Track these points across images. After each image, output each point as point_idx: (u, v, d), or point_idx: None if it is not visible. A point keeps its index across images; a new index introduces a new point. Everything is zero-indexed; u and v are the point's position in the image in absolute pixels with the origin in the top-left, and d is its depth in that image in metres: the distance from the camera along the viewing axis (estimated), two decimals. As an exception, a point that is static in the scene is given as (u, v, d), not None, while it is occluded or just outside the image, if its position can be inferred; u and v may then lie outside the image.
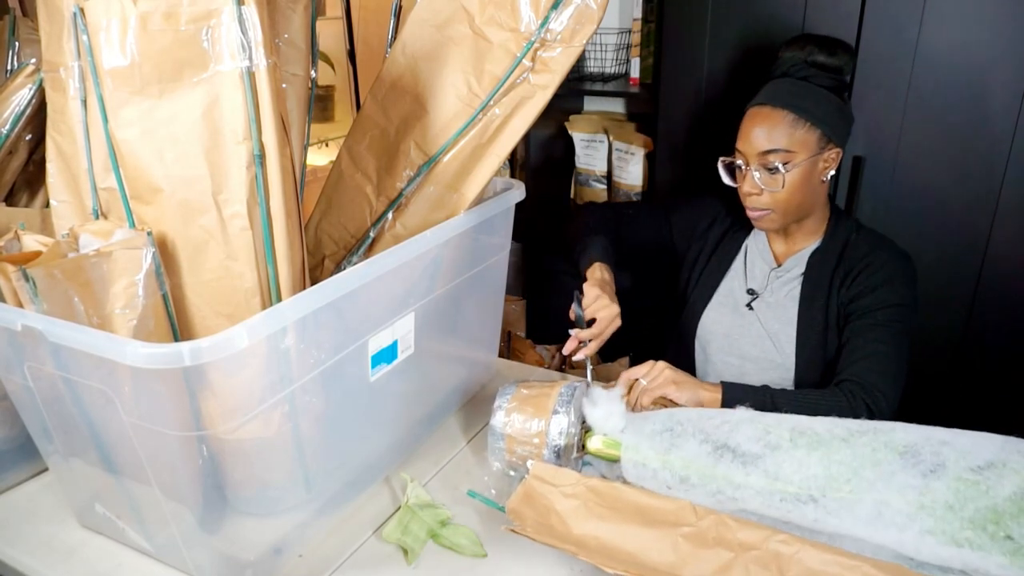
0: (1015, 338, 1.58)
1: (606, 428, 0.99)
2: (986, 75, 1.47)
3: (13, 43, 1.19)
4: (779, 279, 1.32)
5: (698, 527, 0.86)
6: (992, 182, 1.51)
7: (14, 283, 0.76)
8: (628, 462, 0.96)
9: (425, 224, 1.05)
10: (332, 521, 0.99)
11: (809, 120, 1.18)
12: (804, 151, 1.19)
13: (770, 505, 0.88)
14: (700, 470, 0.91)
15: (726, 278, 1.38)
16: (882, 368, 1.12)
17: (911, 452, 0.86)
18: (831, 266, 1.27)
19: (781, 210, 1.23)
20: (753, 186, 1.22)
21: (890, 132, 1.57)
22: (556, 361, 2.23)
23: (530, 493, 0.92)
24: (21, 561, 0.95)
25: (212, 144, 0.82)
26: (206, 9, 0.79)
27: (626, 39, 2.15)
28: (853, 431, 0.91)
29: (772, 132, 1.18)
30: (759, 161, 1.20)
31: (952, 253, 1.59)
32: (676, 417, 0.98)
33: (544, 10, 0.98)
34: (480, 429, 1.21)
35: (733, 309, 1.35)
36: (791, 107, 1.18)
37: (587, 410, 1.01)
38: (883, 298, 1.19)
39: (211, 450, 0.81)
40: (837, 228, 1.30)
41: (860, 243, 1.27)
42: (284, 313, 0.78)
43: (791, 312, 1.29)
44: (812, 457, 0.88)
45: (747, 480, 0.89)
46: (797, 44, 1.25)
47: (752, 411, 0.98)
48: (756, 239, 1.38)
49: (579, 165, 2.33)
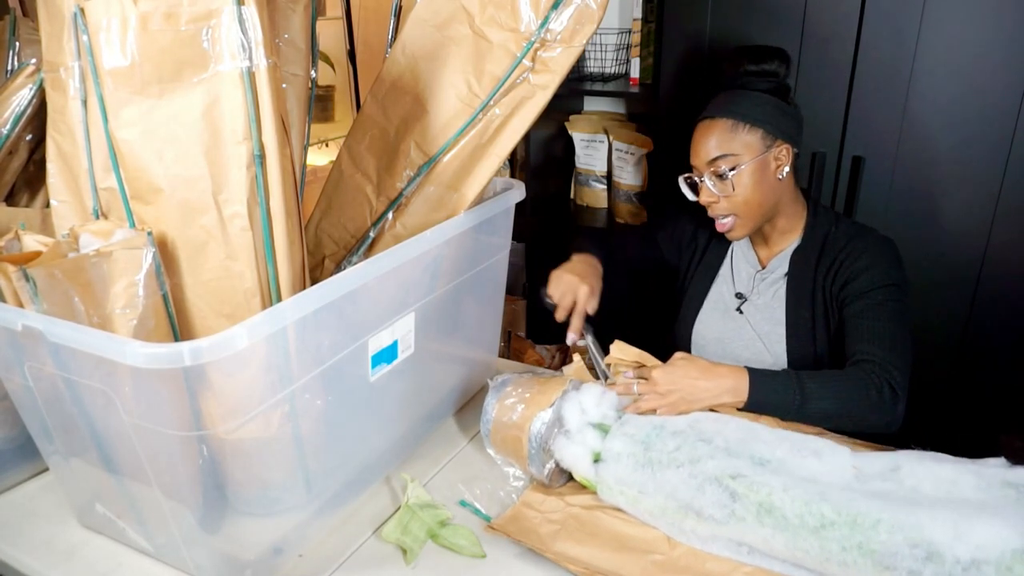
0: (1015, 338, 1.58)
1: (577, 470, 1.00)
2: (986, 75, 1.47)
3: (13, 43, 1.19)
4: (764, 281, 1.34)
5: (669, 556, 0.90)
6: (992, 182, 1.51)
7: (14, 283, 0.76)
8: (604, 497, 0.98)
9: (425, 224, 1.05)
10: (332, 521, 0.99)
11: (747, 122, 1.22)
12: (748, 152, 1.22)
13: (738, 554, 0.88)
14: (669, 522, 0.92)
15: (715, 284, 1.40)
16: (891, 344, 1.13)
17: (886, 562, 0.77)
18: (813, 262, 1.29)
19: (743, 213, 1.25)
20: (709, 195, 1.25)
21: (890, 132, 1.57)
22: (556, 361, 2.23)
23: (517, 516, 0.98)
24: (21, 561, 0.95)
25: (212, 144, 0.82)
26: (206, 9, 0.79)
27: (626, 39, 2.15)
28: (827, 521, 0.81)
29: (716, 140, 1.22)
30: (709, 170, 1.23)
31: (952, 253, 1.59)
32: (649, 455, 0.95)
33: (544, 10, 0.98)
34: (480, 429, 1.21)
35: (724, 314, 1.37)
36: (729, 113, 1.22)
37: (558, 453, 1.01)
38: (873, 279, 1.20)
39: (211, 450, 0.81)
40: (816, 224, 1.31)
41: (840, 235, 1.28)
42: (284, 313, 0.78)
43: (779, 313, 1.30)
44: (776, 539, 0.84)
45: (713, 535, 0.89)
46: (731, 57, 1.30)
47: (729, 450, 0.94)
48: (741, 243, 1.39)
49: (579, 165, 2.33)
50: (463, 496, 1.04)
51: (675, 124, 1.84)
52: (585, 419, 1.02)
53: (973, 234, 1.56)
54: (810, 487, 0.86)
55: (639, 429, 1.00)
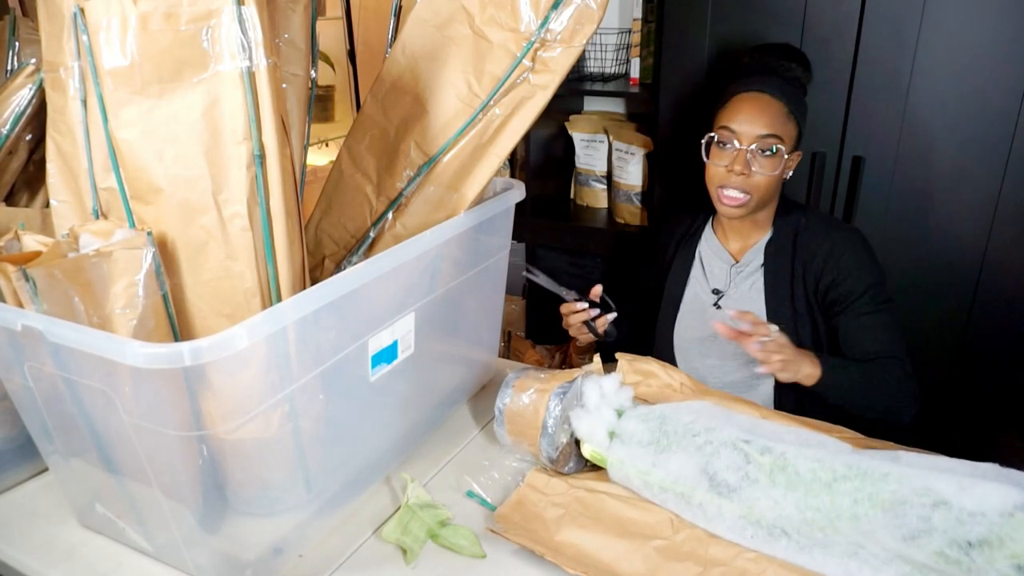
0: (1015, 338, 1.58)
1: (592, 441, 1.00)
2: (986, 75, 1.47)
3: (13, 43, 1.19)
4: (740, 274, 1.36)
5: (672, 540, 0.90)
6: (992, 182, 1.52)
7: (14, 283, 0.76)
8: (613, 474, 0.98)
9: (425, 224, 1.04)
10: (332, 521, 0.99)
11: (796, 118, 1.25)
12: (787, 144, 1.25)
13: (742, 536, 0.88)
14: (678, 494, 0.92)
15: (688, 286, 1.42)
16: (896, 346, 1.23)
17: (896, 510, 0.79)
18: (788, 254, 1.31)
19: (757, 196, 1.26)
20: (746, 166, 1.24)
21: (890, 132, 1.57)
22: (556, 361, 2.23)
23: (521, 500, 0.98)
24: (21, 561, 0.95)
25: (212, 144, 0.82)
26: (206, 9, 0.79)
27: (626, 39, 2.15)
28: (839, 475, 0.84)
29: (771, 118, 1.23)
30: (758, 143, 1.23)
31: (952, 253, 1.59)
32: (665, 427, 0.96)
33: (544, 10, 0.98)
34: (480, 429, 1.21)
35: (701, 313, 1.38)
36: (786, 100, 1.24)
37: (575, 422, 1.01)
38: (862, 280, 1.25)
39: (211, 450, 0.81)
40: (786, 217, 1.34)
41: (812, 228, 1.31)
42: (284, 313, 0.78)
43: (758, 303, 1.32)
44: (788, 499, 0.85)
45: (720, 512, 0.89)
46: (774, 51, 1.32)
47: (741, 428, 0.95)
48: (708, 243, 1.42)
49: (579, 165, 2.33)
50: (470, 487, 1.05)
51: (675, 124, 1.85)
52: (604, 399, 1.02)
53: (973, 234, 1.56)
54: (821, 450, 0.89)
55: (653, 411, 1.00)
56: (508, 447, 1.08)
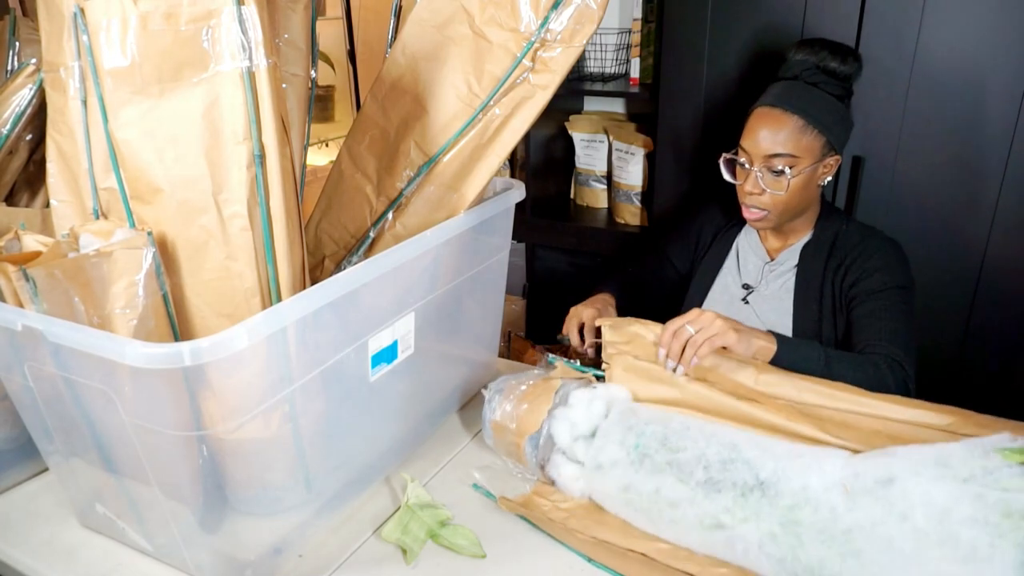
0: (1015, 338, 1.58)
1: (571, 491, 1.02)
2: (986, 75, 1.47)
3: (13, 43, 1.19)
4: (773, 272, 1.34)
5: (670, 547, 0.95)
6: (992, 182, 1.51)
7: (14, 283, 0.76)
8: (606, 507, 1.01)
9: (425, 224, 1.04)
10: (332, 521, 0.99)
11: (817, 127, 1.19)
12: (809, 157, 1.20)
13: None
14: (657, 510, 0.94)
15: (719, 275, 1.40)
16: (900, 341, 1.15)
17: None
18: (823, 257, 1.29)
19: (778, 212, 1.24)
20: (755, 186, 1.22)
21: (890, 132, 1.57)
22: (556, 361, 2.23)
23: (527, 503, 1.01)
24: (21, 561, 0.95)
25: (212, 144, 0.82)
26: (206, 9, 0.79)
27: (626, 39, 2.14)
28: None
29: (780, 135, 1.19)
30: (764, 163, 1.21)
31: (952, 253, 1.59)
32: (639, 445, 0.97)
33: (544, 10, 0.98)
34: (480, 429, 1.20)
35: (729, 304, 1.37)
36: (801, 112, 1.19)
37: (553, 471, 1.03)
38: (884, 280, 1.21)
39: (211, 450, 0.81)
40: (827, 221, 1.32)
41: (851, 233, 1.29)
42: (284, 313, 0.78)
43: (786, 303, 1.30)
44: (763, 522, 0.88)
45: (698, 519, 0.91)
46: (809, 47, 1.25)
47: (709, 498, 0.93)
48: (747, 236, 1.40)
49: (579, 165, 2.33)
50: (475, 480, 1.07)
51: (675, 124, 1.84)
52: (576, 432, 1.02)
53: (973, 234, 1.56)
54: (791, 529, 0.84)
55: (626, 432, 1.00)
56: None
